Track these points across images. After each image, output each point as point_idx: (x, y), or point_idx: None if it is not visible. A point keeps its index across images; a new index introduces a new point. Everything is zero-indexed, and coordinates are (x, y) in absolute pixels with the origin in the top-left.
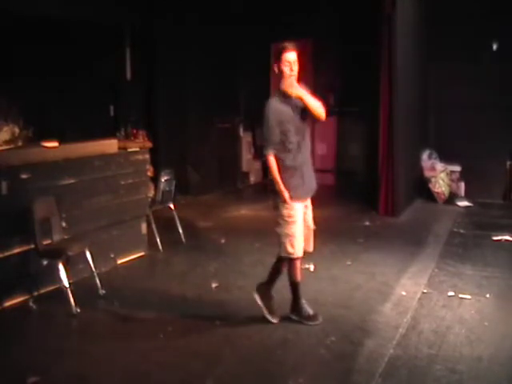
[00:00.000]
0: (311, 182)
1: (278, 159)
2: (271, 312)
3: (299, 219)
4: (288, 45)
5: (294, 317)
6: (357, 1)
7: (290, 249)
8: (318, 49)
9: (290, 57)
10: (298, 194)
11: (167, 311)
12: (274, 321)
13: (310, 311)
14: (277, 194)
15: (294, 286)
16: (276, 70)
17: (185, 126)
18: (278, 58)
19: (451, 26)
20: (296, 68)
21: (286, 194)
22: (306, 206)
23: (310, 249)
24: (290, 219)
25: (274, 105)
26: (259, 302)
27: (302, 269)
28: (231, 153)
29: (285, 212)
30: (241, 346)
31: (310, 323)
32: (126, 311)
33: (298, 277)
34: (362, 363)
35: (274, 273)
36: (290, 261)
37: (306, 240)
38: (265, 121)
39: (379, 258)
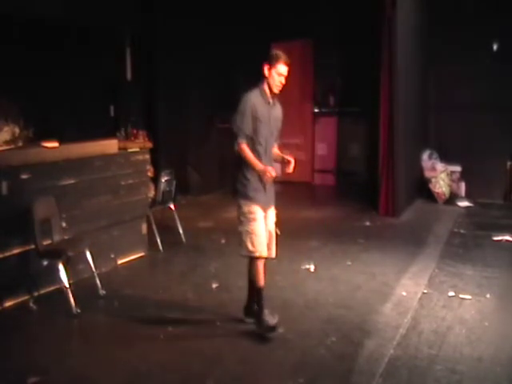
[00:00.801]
0: (271, 195)
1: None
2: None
3: (260, 218)
4: (286, 58)
5: (256, 329)
6: (357, 1)
7: (250, 247)
8: (319, 49)
9: (284, 70)
10: (259, 197)
11: (167, 311)
12: (275, 321)
13: (272, 321)
14: (239, 192)
15: (257, 293)
16: (266, 71)
17: (185, 126)
18: (273, 64)
19: (451, 26)
20: (283, 81)
21: (270, 169)
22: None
23: (272, 255)
24: (250, 215)
25: (254, 99)
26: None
27: (265, 272)
28: (231, 153)
29: (245, 209)
30: (241, 346)
31: (269, 334)
32: (126, 311)
33: (261, 281)
34: (363, 363)
35: (251, 287)
36: (252, 262)
37: (268, 246)
38: (240, 110)
39: (379, 258)
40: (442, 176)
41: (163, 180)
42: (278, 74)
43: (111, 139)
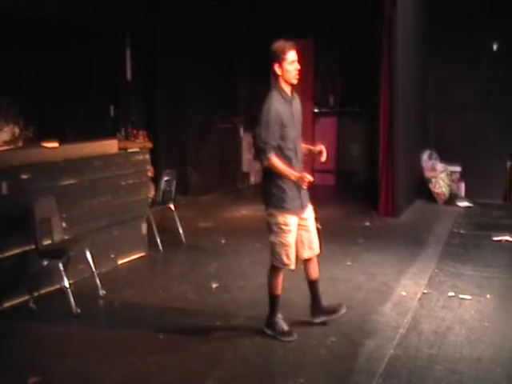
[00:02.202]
0: (306, 196)
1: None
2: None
3: (294, 229)
4: (291, 44)
5: (268, 331)
6: (357, 1)
7: (285, 259)
8: (319, 49)
9: (294, 55)
10: (294, 206)
11: (167, 311)
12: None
13: (285, 327)
14: (272, 203)
15: (274, 299)
16: (278, 70)
17: (185, 126)
18: (281, 58)
19: (451, 27)
20: (299, 66)
21: (306, 175)
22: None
23: (316, 252)
24: (286, 227)
25: (277, 105)
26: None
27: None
28: (231, 153)
29: (281, 220)
30: (241, 346)
31: (285, 339)
32: (126, 311)
33: (279, 290)
34: (363, 363)
35: (312, 288)
36: (275, 270)
37: (309, 245)
38: (263, 122)
39: (379, 259)
40: (441, 176)
41: (163, 180)
42: (290, 63)
43: (111, 139)
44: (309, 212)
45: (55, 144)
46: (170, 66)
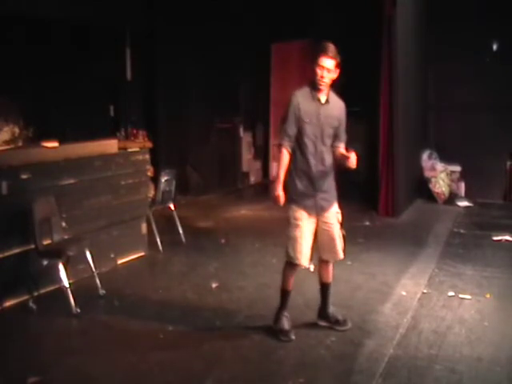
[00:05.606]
0: (327, 199)
1: (291, 157)
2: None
3: (305, 225)
4: (329, 50)
5: (273, 326)
6: (357, 1)
7: (291, 252)
8: None
9: (327, 63)
10: (305, 202)
11: (167, 311)
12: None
13: (285, 326)
14: (287, 194)
15: (282, 294)
16: (311, 69)
17: (185, 126)
18: (314, 58)
19: (451, 26)
20: (329, 76)
21: (280, 193)
22: (325, 217)
23: (336, 258)
24: (294, 221)
25: (300, 98)
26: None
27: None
28: (231, 153)
29: (290, 213)
30: (241, 346)
31: (281, 338)
32: (126, 311)
33: (290, 286)
34: (362, 363)
35: (323, 290)
36: (288, 266)
37: (329, 248)
38: (286, 110)
39: (379, 258)
40: (441, 176)
41: (163, 180)
42: (318, 67)
43: (111, 139)
44: (333, 218)
45: (55, 144)
46: (170, 66)
